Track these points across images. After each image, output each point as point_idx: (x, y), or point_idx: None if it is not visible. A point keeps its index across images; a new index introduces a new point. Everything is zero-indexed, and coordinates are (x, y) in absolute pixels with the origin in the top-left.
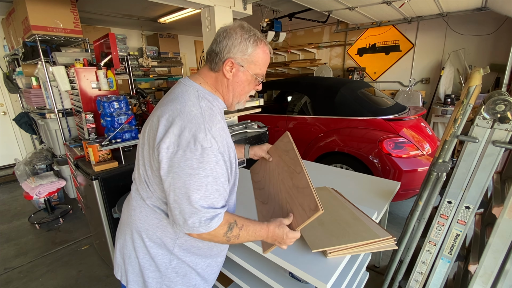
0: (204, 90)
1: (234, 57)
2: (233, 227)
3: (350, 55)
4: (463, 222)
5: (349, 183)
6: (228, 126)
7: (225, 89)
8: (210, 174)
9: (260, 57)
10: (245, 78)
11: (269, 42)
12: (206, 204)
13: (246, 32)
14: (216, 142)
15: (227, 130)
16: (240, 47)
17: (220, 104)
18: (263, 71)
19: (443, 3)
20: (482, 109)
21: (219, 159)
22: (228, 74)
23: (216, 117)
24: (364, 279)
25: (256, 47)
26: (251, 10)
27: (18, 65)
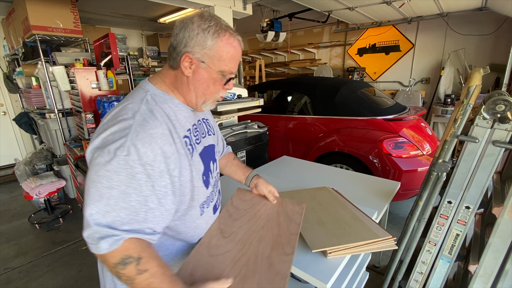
0: (156, 91)
1: (192, 51)
2: (130, 263)
3: (350, 55)
4: (463, 222)
5: (349, 183)
6: (228, 126)
7: (185, 88)
8: (116, 187)
9: (224, 51)
10: (208, 76)
11: (269, 42)
12: (103, 221)
13: (206, 21)
14: (137, 150)
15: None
16: (197, 39)
17: (176, 105)
18: (232, 67)
19: (443, 3)
20: (482, 109)
21: (138, 171)
22: (187, 71)
23: (153, 122)
24: (364, 279)
25: (217, 39)
26: (251, 10)
27: (18, 65)
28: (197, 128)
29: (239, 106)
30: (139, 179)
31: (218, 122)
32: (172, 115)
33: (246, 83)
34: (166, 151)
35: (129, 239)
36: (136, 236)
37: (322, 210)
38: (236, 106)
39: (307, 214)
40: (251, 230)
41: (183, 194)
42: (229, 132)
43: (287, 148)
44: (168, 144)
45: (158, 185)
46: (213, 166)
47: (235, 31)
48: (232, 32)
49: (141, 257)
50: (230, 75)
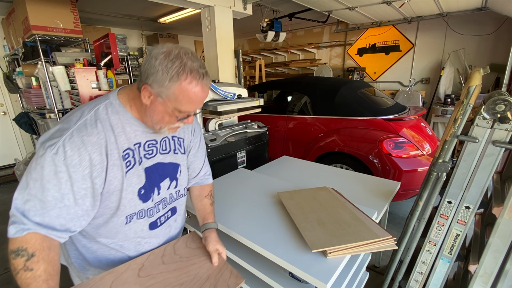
0: (115, 101)
1: (151, 85)
2: (21, 256)
3: (350, 55)
4: (463, 222)
5: (349, 183)
6: (228, 126)
7: (143, 111)
8: (39, 180)
9: (180, 94)
10: (163, 109)
11: (269, 42)
12: (20, 208)
13: (170, 61)
14: (65, 152)
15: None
16: (157, 77)
17: (127, 119)
18: (189, 109)
19: (443, 3)
20: (482, 109)
21: (61, 170)
22: (145, 100)
23: (91, 130)
24: (364, 279)
25: (176, 82)
26: (251, 10)
27: (18, 65)
28: (155, 144)
29: (239, 106)
30: (60, 178)
31: (218, 122)
32: (119, 127)
33: (246, 83)
34: (94, 159)
35: (33, 233)
36: (44, 232)
37: (322, 210)
38: (236, 106)
39: (307, 214)
40: (168, 282)
41: (108, 200)
42: (229, 132)
43: (287, 148)
44: (98, 153)
45: (78, 186)
46: (166, 184)
47: (202, 74)
48: (196, 76)
49: (34, 255)
50: (187, 114)
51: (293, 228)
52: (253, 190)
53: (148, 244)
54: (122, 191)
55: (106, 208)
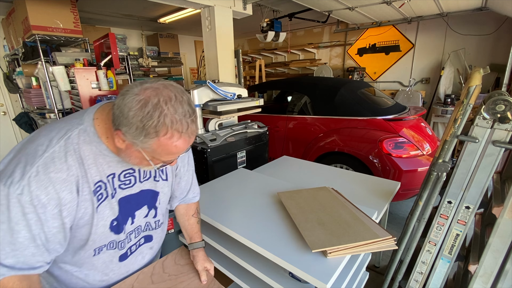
0: (89, 128)
1: (124, 133)
2: None
3: (350, 55)
4: (463, 222)
5: (349, 183)
6: (228, 126)
7: (118, 149)
8: (6, 222)
9: (159, 148)
10: (140, 156)
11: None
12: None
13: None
14: (30, 192)
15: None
16: (130, 129)
17: (101, 151)
18: (168, 160)
19: (443, 3)
20: (482, 109)
21: (29, 211)
22: (119, 144)
23: (60, 165)
24: (364, 279)
25: (154, 138)
26: (251, 10)
27: (18, 65)
28: (133, 173)
29: (239, 106)
30: (29, 219)
31: (218, 122)
32: (90, 158)
33: (246, 83)
34: (63, 197)
35: (9, 277)
36: (20, 273)
37: (322, 210)
38: (236, 106)
39: (307, 214)
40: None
41: (77, 233)
42: (229, 132)
43: (287, 148)
44: (68, 191)
45: (49, 226)
46: (143, 212)
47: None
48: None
49: None
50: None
51: (293, 228)
52: (253, 190)
53: (116, 275)
54: (92, 225)
55: (75, 239)
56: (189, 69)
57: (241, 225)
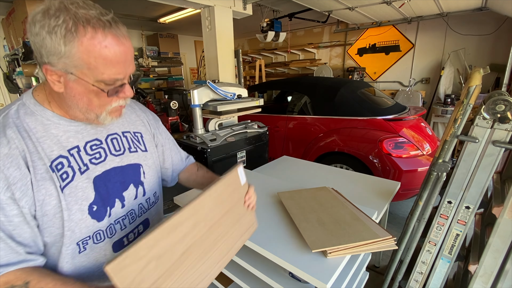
0: (29, 101)
1: (50, 62)
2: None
3: (350, 55)
4: (463, 222)
5: (349, 183)
6: (228, 126)
7: (64, 103)
8: None
9: (90, 56)
10: (84, 89)
11: (269, 42)
12: None
13: (51, 19)
14: None
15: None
16: (47, 46)
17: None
18: (114, 73)
19: (443, 3)
20: (482, 109)
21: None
22: (57, 87)
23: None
24: (364, 279)
25: (74, 41)
26: (251, 10)
27: (18, 65)
28: (101, 145)
29: (239, 106)
30: None
31: (218, 122)
32: (39, 130)
33: (246, 83)
34: (10, 175)
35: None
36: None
37: (322, 210)
38: (236, 106)
39: (307, 214)
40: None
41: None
42: (229, 132)
43: (287, 148)
44: (14, 167)
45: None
46: (131, 192)
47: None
48: (99, 26)
49: (28, 281)
50: (118, 82)
51: (293, 228)
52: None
53: None
54: (63, 210)
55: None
56: (189, 69)
57: None
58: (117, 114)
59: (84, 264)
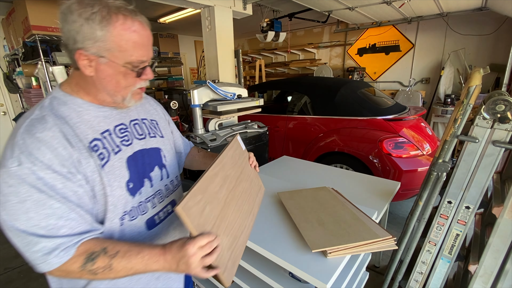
0: (58, 93)
1: (84, 47)
2: (97, 257)
3: (350, 55)
4: (463, 222)
5: (349, 183)
6: (228, 126)
7: (93, 88)
8: (28, 198)
9: (122, 40)
10: (114, 71)
11: (269, 42)
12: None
13: (87, 7)
14: (29, 157)
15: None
16: (84, 32)
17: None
18: (140, 56)
19: (443, 3)
20: (482, 109)
21: (42, 176)
22: (88, 70)
23: (41, 125)
24: (364, 279)
25: (108, 26)
26: (251, 10)
27: (18, 65)
28: (127, 129)
29: (239, 106)
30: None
31: (218, 122)
32: (74, 117)
33: (246, 83)
34: (60, 154)
35: (82, 243)
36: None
37: (322, 210)
38: (236, 106)
39: (307, 214)
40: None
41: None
42: (229, 132)
43: (287, 148)
44: (61, 147)
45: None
46: (157, 174)
47: (132, 11)
48: (128, 14)
49: (104, 247)
50: (142, 64)
51: (293, 228)
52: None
53: None
54: (105, 186)
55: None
56: (189, 69)
57: None
58: (139, 97)
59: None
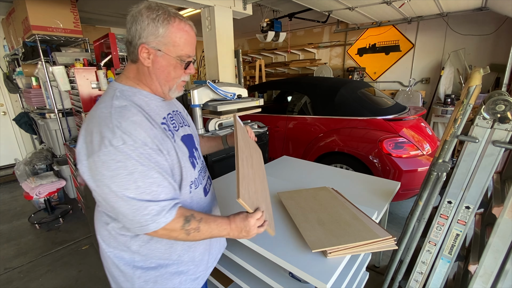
0: (123, 87)
1: (147, 41)
2: (191, 219)
3: (350, 55)
4: (463, 222)
5: (349, 183)
6: (228, 126)
7: (148, 78)
8: (135, 170)
9: (176, 36)
10: (167, 63)
11: (269, 42)
12: (143, 199)
13: (153, 11)
14: (130, 136)
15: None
16: (149, 29)
17: (145, 96)
18: (188, 51)
19: (443, 3)
20: (482, 109)
21: (142, 152)
22: (147, 62)
23: (129, 112)
24: (364, 279)
25: (168, 26)
26: (251, 10)
27: (18, 65)
28: (173, 118)
29: (239, 106)
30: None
31: (218, 122)
32: (145, 105)
33: (246, 83)
34: (151, 134)
35: (179, 207)
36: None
37: (322, 210)
38: (236, 106)
39: (307, 214)
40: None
41: (175, 174)
42: (229, 132)
43: (287, 148)
44: (149, 128)
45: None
46: (196, 153)
47: (184, 17)
48: (182, 18)
49: (192, 213)
50: (189, 59)
51: (293, 228)
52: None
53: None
54: (179, 161)
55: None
56: None
57: None
58: (181, 89)
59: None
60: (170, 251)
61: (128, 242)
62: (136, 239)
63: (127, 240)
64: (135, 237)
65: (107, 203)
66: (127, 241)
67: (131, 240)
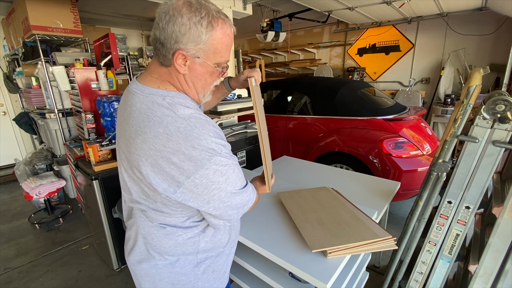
0: (169, 93)
1: (185, 48)
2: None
3: (350, 55)
4: (463, 222)
5: (349, 183)
6: (228, 126)
7: (184, 85)
8: (234, 167)
9: (219, 43)
10: (204, 70)
11: (269, 42)
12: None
13: (196, 12)
14: (221, 141)
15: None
16: (190, 35)
17: (190, 100)
18: (227, 57)
19: (443, 3)
20: (482, 109)
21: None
22: (183, 69)
23: (204, 119)
24: (364, 279)
25: (212, 31)
26: (251, 10)
27: (18, 65)
28: None
29: (239, 106)
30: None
31: (218, 122)
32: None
33: None
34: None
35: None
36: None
37: (322, 210)
38: (236, 106)
39: (307, 214)
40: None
41: None
42: (229, 132)
43: (287, 148)
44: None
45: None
46: None
47: (225, 15)
48: (224, 18)
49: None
50: (226, 64)
51: (293, 228)
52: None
53: None
54: None
55: None
56: None
57: (241, 225)
58: (211, 94)
59: None
60: (227, 237)
61: (196, 243)
62: (203, 236)
63: (195, 241)
64: (202, 235)
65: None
66: (195, 242)
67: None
